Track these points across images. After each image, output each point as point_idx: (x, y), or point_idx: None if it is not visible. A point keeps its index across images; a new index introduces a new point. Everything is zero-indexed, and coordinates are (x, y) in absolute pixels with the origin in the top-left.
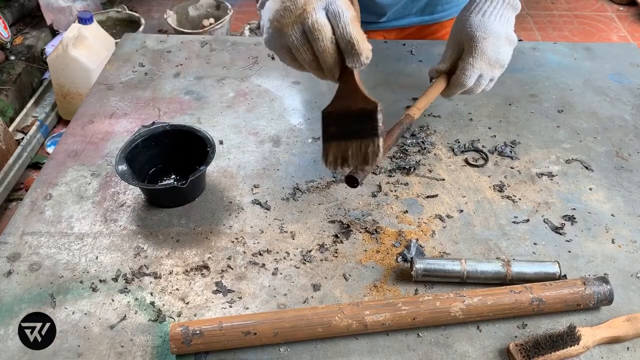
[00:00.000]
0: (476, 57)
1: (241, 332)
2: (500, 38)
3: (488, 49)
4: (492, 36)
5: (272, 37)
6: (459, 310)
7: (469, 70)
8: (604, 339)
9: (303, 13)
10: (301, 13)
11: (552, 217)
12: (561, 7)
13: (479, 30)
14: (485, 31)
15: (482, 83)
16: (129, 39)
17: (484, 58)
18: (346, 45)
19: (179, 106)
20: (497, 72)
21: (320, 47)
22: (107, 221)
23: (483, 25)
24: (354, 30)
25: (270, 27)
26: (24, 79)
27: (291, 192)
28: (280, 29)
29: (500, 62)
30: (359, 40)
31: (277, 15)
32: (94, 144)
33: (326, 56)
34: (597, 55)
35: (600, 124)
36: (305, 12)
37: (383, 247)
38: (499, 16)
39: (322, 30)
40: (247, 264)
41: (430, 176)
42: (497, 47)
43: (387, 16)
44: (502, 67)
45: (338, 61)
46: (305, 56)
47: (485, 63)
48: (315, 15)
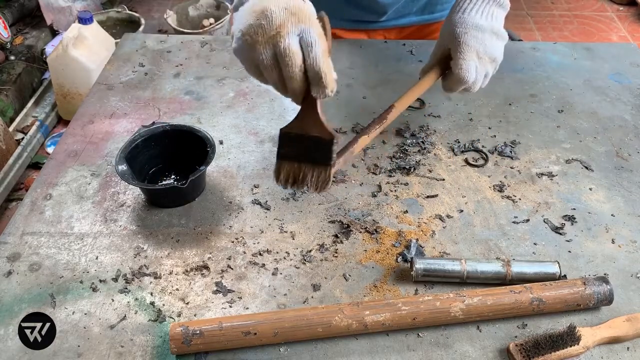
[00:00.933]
0: (463, 51)
1: (241, 332)
2: (483, 31)
3: (471, 41)
4: (473, 29)
5: (241, 50)
6: (459, 310)
7: (464, 64)
8: (604, 339)
9: (277, 35)
10: (274, 35)
11: (552, 217)
12: (561, 7)
13: (460, 26)
14: (465, 26)
15: (478, 78)
16: (129, 39)
17: (470, 50)
18: (314, 76)
19: (179, 106)
20: (489, 66)
21: (288, 73)
22: (107, 221)
23: (463, 21)
24: (323, 63)
25: (240, 39)
26: (24, 79)
27: (291, 192)
28: (251, 45)
29: (489, 55)
30: (327, 73)
31: (250, 30)
32: (94, 144)
33: (293, 82)
34: (597, 55)
35: (600, 124)
36: (279, 34)
37: (383, 247)
38: (480, 12)
39: (293, 57)
40: (247, 264)
41: (430, 176)
42: (480, 39)
43: (387, 15)
44: (493, 60)
45: (304, 88)
46: (272, 76)
47: (473, 54)
48: (288, 40)
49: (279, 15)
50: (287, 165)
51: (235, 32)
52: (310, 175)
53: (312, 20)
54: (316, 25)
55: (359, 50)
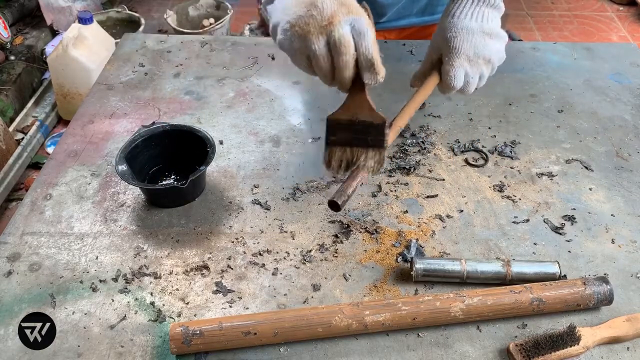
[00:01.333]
0: (452, 56)
1: (241, 332)
2: (473, 33)
3: (462, 46)
4: (463, 32)
5: (291, 41)
6: (459, 310)
7: (451, 71)
8: (604, 339)
9: (329, 25)
10: (327, 25)
11: (552, 217)
12: (561, 7)
13: (449, 31)
14: (455, 29)
15: (471, 81)
16: (129, 39)
17: (460, 55)
18: (367, 64)
19: (179, 106)
20: (483, 67)
21: (342, 62)
22: (107, 221)
23: (452, 25)
24: (375, 51)
25: (289, 31)
26: (24, 79)
27: (291, 192)
28: (302, 35)
29: (482, 57)
30: (378, 60)
31: (300, 21)
32: (94, 144)
33: (346, 70)
34: (597, 55)
35: (600, 124)
36: (331, 24)
37: (383, 247)
38: (470, 14)
39: (348, 45)
40: (247, 264)
41: (430, 176)
42: (471, 42)
43: (387, 16)
44: (488, 61)
45: (354, 75)
46: (324, 66)
47: (463, 60)
48: (342, 29)
49: (330, 6)
50: (338, 151)
51: (280, 24)
52: (365, 158)
53: (360, 11)
54: (365, 15)
55: None
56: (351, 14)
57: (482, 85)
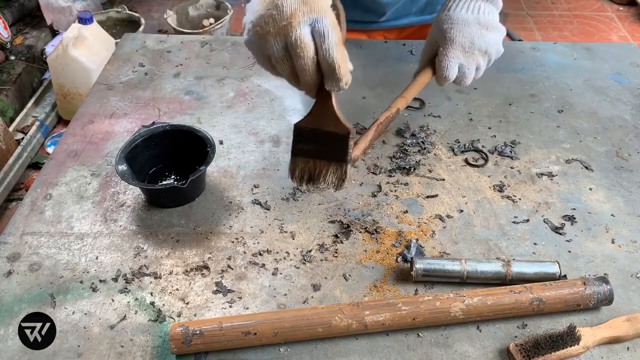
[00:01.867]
0: (447, 47)
1: (241, 332)
2: (469, 24)
3: (457, 37)
4: (459, 24)
5: (252, 42)
6: (459, 310)
7: (444, 62)
8: (604, 339)
9: (288, 26)
10: (286, 25)
11: (552, 217)
12: (561, 7)
13: (445, 23)
14: (451, 22)
15: (467, 72)
16: (129, 39)
17: (456, 46)
18: (328, 68)
19: (179, 106)
20: (480, 59)
21: (300, 65)
22: (107, 221)
23: (448, 18)
24: (337, 54)
25: (251, 31)
26: (24, 79)
27: (291, 192)
28: (262, 36)
29: (478, 48)
30: (340, 65)
31: (260, 20)
32: (94, 144)
33: (306, 75)
34: (597, 55)
35: (600, 124)
36: (290, 25)
37: (383, 247)
38: (466, 7)
39: (305, 48)
40: (247, 264)
41: (430, 176)
42: (467, 33)
43: (386, 16)
44: (484, 52)
45: (317, 80)
46: (285, 69)
47: (458, 51)
48: (300, 31)
49: (290, 5)
50: (302, 162)
51: (246, 23)
52: (326, 172)
53: (325, 10)
54: (330, 14)
55: (359, 50)
56: (313, 12)
57: (479, 78)
